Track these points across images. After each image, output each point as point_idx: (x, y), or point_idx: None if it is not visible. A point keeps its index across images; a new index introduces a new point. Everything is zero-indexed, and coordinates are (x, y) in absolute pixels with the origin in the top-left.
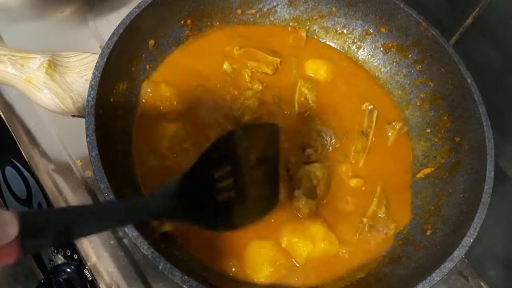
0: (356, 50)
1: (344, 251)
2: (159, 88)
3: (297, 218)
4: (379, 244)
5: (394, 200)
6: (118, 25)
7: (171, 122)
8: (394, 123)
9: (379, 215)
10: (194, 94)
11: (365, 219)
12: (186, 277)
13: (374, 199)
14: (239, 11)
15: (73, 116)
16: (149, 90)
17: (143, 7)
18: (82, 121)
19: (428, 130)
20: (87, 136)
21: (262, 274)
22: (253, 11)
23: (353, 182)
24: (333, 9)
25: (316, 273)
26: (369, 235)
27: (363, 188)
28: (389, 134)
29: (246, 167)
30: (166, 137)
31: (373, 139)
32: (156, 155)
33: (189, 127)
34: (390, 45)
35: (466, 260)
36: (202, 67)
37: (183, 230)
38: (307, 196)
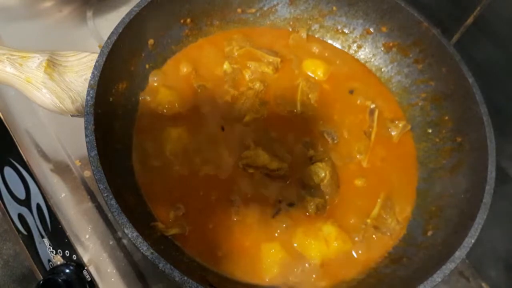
0: (357, 49)
1: (353, 251)
2: (159, 92)
3: (308, 220)
4: (382, 245)
5: (398, 201)
6: (118, 24)
7: (174, 126)
8: (397, 122)
9: (383, 216)
10: (195, 96)
11: (369, 220)
12: (185, 277)
13: (378, 200)
14: (239, 10)
15: (72, 115)
16: (149, 95)
17: (143, 6)
18: (81, 121)
19: (430, 130)
20: (86, 136)
21: (268, 275)
22: (253, 10)
23: (357, 183)
24: (334, 8)
25: (329, 274)
26: (373, 236)
27: (367, 188)
28: (393, 133)
29: None
30: (170, 141)
31: (376, 138)
32: (159, 157)
33: (191, 129)
34: (391, 44)
35: (467, 261)
36: (202, 67)
37: (184, 232)
38: (312, 195)
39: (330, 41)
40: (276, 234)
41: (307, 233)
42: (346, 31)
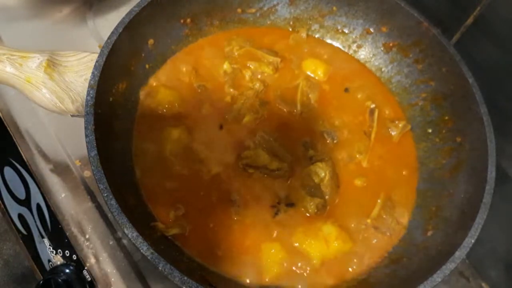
0: (357, 49)
1: (353, 251)
2: (159, 92)
3: (308, 219)
4: (382, 245)
5: (398, 201)
6: (118, 24)
7: (174, 126)
8: (397, 122)
9: (383, 216)
10: (195, 96)
11: (369, 220)
12: (185, 277)
13: (378, 200)
14: (239, 10)
15: (72, 115)
16: (149, 95)
17: (143, 6)
18: (81, 121)
19: (430, 130)
20: (86, 136)
21: (268, 275)
22: (253, 10)
23: (357, 183)
24: (334, 8)
25: (329, 274)
26: (373, 236)
27: (367, 188)
28: (393, 133)
29: None
30: (170, 141)
31: (376, 138)
32: (158, 157)
33: (191, 129)
34: (391, 44)
35: (467, 261)
36: (202, 67)
37: (184, 232)
38: (311, 195)
39: (330, 41)
40: (276, 234)
41: (307, 233)
42: (346, 31)
